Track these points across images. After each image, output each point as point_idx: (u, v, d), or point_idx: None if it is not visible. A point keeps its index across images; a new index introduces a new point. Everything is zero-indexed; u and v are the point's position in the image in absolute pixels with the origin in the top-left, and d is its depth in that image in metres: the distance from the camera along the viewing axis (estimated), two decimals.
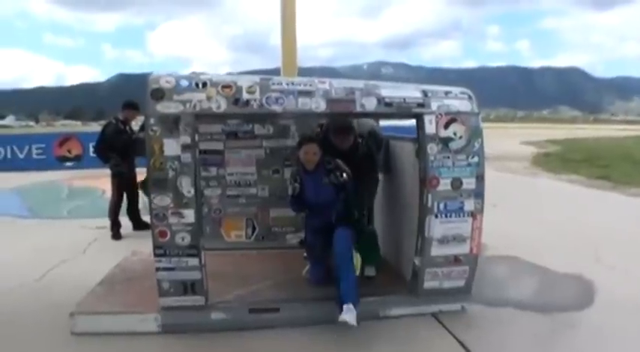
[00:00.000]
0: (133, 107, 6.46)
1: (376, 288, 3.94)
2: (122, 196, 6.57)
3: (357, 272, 3.69)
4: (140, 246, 5.15)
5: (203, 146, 4.87)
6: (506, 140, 29.01)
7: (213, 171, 5.12)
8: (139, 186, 6.36)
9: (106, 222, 6.53)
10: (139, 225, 6.68)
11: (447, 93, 3.68)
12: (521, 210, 8.27)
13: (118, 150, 6.23)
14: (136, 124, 6.75)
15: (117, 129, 6.32)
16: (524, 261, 5.32)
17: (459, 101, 3.66)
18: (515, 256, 5.42)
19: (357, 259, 3.76)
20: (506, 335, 3.61)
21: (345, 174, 3.78)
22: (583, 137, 38.25)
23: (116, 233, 6.42)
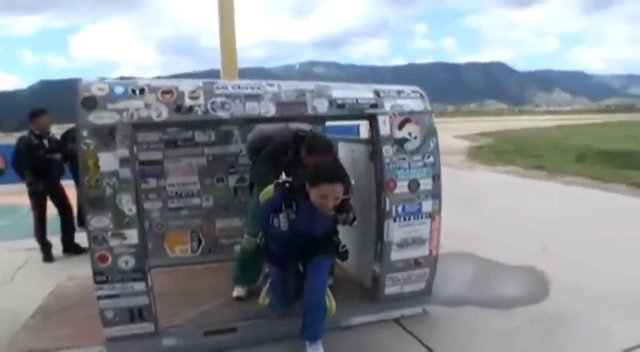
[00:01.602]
0: (38, 113, 5.81)
1: (336, 298, 3.76)
2: (44, 215, 5.96)
3: (330, 316, 3.20)
4: (75, 269, 4.77)
5: (140, 156, 4.52)
6: (440, 134, 29.67)
7: (153, 182, 4.77)
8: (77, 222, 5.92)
9: (36, 242, 6.02)
10: (67, 247, 6.08)
11: (399, 92, 3.56)
12: (465, 203, 8.33)
13: (32, 167, 5.67)
14: (60, 129, 6.23)
15: (29, 145, 5.70)
16: (477, 256, 5.32)
17: (412, 100, 3.55)
18: (468, 252, 5.41)
19: (332, 302, 3.21)
20: (471, 335, 3.55)
21: (355, 217, 3.09)
22: (512, 128, 39.93)
23: (47, 254, 5.87)
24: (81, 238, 5.83)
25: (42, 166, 5.70)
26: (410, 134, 3.47)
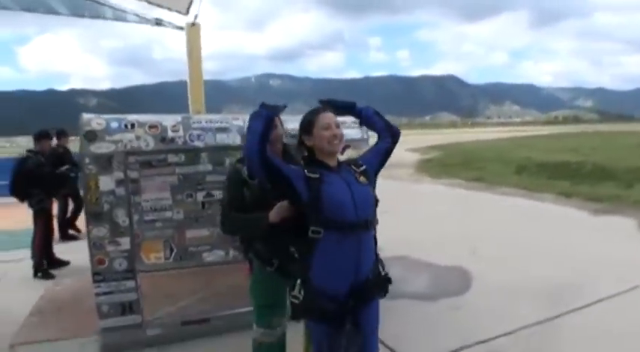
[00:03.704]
0: (48, 136, 6.27)
1: None
2: (50, 235, 6.23)
3: None
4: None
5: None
6: None
7: (131, 198, 5.39)
8: None
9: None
10: (51, 263, 6.27)
11: (342, 123, 4.33)
12: (409, 214, 9.24)
13: (42, 185, 5.91)
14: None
15: (39, 163, 5.95)
16: (413, 258, 6.19)
17: (351, 130, 4.33)
18: (405, 255, 6.26)
19: None
20: (403, 321, 4.35)
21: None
22: (463, 141, 41.45)
23: (45, 271, 5.99)
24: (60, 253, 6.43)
25: (51, 183, 6.03)
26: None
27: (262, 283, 2.79)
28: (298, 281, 2.27)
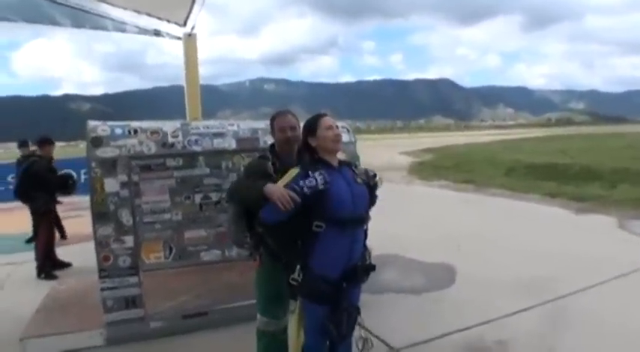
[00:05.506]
0: (51, 142, 6.54)
1: None
2: (53, 237, 6.47)
3: None
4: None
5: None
6: (387, 151, 31.20)
7: None
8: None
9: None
10: (54, 264, 6.47)
11: None
12: (400, 214, 9.51)
13: (48, 188, 6.18)
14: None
15: (47, 167, 6.24)
16: (402, 256, 6.48)
17: (342, 134, 4.63)
18: (394, 253, 6.55)
19: None
20: (390, 312, 4.64)
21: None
22: (456, 144, 41.81)
23: (48, 272, 6.22)
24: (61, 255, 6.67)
25: (57, 186, 6.34)
26: None
27: (271, 275, 2.95)
28: (298, 266, 2.56)
